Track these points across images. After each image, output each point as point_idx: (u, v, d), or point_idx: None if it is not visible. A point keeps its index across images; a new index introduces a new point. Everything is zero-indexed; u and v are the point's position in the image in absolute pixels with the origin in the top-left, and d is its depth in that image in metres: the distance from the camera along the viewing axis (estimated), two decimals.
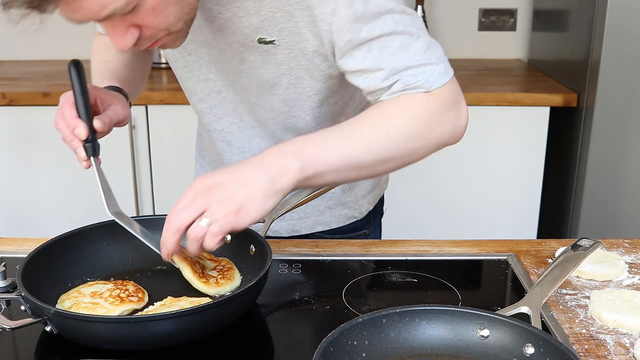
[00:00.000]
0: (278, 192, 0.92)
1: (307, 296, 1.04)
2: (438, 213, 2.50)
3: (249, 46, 1.05)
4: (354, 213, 1.33)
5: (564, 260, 0.96)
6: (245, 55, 1.07)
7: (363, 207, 1.34)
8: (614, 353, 0.88)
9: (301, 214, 1.30)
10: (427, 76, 1.02)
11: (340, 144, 0.98)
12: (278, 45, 1.04)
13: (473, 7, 2.91)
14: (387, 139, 1.00)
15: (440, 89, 1.03)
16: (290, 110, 1.14)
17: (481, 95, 2.35)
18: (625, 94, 2.20)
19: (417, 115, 1.02)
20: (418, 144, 1.04)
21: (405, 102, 1.02)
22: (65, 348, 0.89)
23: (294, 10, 0.99)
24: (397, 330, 0.84)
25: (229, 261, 1.07)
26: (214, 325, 0.91)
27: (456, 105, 1.06)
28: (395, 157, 1.04)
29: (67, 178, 2.50)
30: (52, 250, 1.02)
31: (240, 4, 1.01)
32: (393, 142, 1.01)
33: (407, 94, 1.02)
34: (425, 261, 1.14)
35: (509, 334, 0.82)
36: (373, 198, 1.37)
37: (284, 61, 1.06)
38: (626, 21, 2.14)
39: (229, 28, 1.04)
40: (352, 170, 1.00)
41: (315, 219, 1.31)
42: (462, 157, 2.44)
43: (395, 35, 0.99)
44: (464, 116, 1.08)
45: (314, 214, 1.30)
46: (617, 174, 2.30)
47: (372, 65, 1.00)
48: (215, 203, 0.89)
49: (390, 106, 1.02)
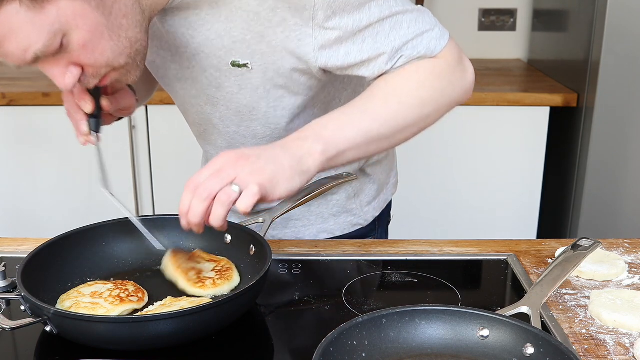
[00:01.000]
0: (305, 172, 0.92)
1: (307, 296, 1.04)
2: (438, 213, 2.51)
3: (224, 71, 1.04)
4: (359, 220, 1.31)
5: (564, 260, 0.96)
6: (221, 82, 1.06)
7: (368, 213, 1.32)
8: (614, 353, 0.88)
9: (305, 222, 1.28)
10: (426, 44, 1.03)
11: (356, 120, 0.99)
12: (252, 69, 1.02)
13: (473, 7, 2.91)
14: (401, 107, 1.02)
15: (443, 52, 1.04)
16: (272, 133, 1.13)
17: (481, 95, 2.35)
18: (625, 94, 2.20)
19: (426, 80, 1.03)
20: (431, 107, 1.05)
21: (411, 70, 1.03)
22: (65, 348, 0.89)
23: (266, 30, 0.97)
24: (397, 330, 0.84)
25: (228, 261, 1.07)
26: (214, 325, 0.91)
27: (460, 63, 1.07)
28: (411, 124, 1.04)
29: (67, 178, 2.50)
30: (52, 250, 1.02)
31: (211, 27, 0.99)
32: (407, 110, 1.02)
33: (411, 64, 1.03)
34: (425, 261, 1.14)
35: (509, 334, 0.82)
36: (379, 204, 1.34)
37: (260, 85, 1.04)
38: (626, 21, 2.14)
39: (203, 52, 1.03)
40: (372, 144, 1.01)
41: (319, 226, 1.29)
42: (462, 157, 2.44)
43: (384, 20, 1.00)
44: (470, 72, 1.09)
45: (318, 222, 1.28)
46: (617, 174, 2.30)
47: (372, 53, 1.01)
48: (244, 173, 0.88)
49: (397, 77, 1.03)
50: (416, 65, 1.03)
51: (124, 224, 1.11)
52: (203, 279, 1.01)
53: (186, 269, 1.03)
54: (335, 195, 1.26)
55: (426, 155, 2.44)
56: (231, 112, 1.11)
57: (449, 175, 2.47)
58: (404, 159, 2.44)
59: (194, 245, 1.11)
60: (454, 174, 2.47)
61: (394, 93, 1.02)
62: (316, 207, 1.27)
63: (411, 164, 2.45)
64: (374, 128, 1.00)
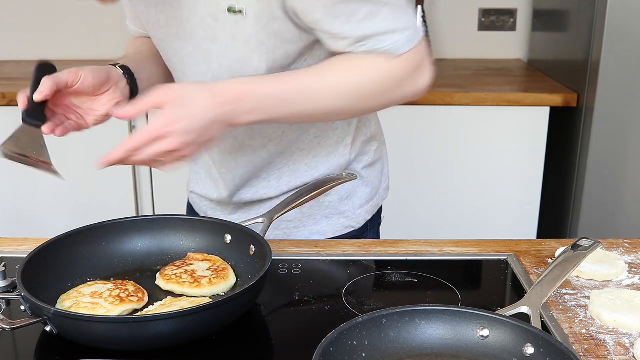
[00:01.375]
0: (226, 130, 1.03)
1: (307, 296, 1.04)
2: (438, 213, 2.51)
3: (220, 19, 1.04)
4: (351, 222, 1.30)
5: (564, 260, 0.96)
6: (216, 33, 1.06)
7: (360, 216, 1.31)
8: (614, 353, 0.88)
9: (296, 223, 1.28)
10: (392, 43, 1.04)
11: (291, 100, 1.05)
12: (246, 17, 1.03)
13: (473, 7, 2.91)
14: (338, 99, 1.08)
15: (405, 55, 1.06)
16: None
17: (481, 95, 2.35)
18: (625, 94, 2.20)
19: (375, 79, 1.07)
20: (368, 104, 1.12)
21: (368, 64, 1.07)
22: (65, 348, 0.89)
23: None
24: (397, 330, 0.84)
25: (223, 261, 1.07)
26: (214, 325, 0.91)
27: (418, 69, 1.09)
28: (341, 113, 1.14)
29: (67, 178, 2.50)
30: (52, 250, 1.02)
31: None
32: (343, 101, 1.09)
33: (373, 55, 1.06)
34: (425, 261, 1.14)
35: (509, 334, 0.82)
36: (371, 208, 1.34)
37: (253, 34, 1.05)
38: (626, 21, 2.14)
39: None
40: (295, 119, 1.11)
41: (311, 228, 1.28)
42: (462, 157, 2.44)
43: (363, 3, 1.01)
44: (425, 78, 1.11)
45: (310, 223, 1.28)
46: (617, 174, 2.30)
47: (339, 32, 1.03)
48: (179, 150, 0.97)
49: (353, 65, 1.07)
50: (372, 60, 1.06)
51: (124, 224, 1.11)
52: (198, 279, 1.01)
53: (178, 274, 1.03)
54: (328, 197, 1.26)
55: (426, 155, 2.44)
56: (223, 69, 1.11)
57: (449, 175, 2.47)
58: (404, 159, 2.45)
59: (194, 245, 1.11)
60: (454, 174, 2.47)
61: (339, 82, 1.07)
62: (308, 209, 1.26)
63: (411, 164, 2.45)
64: (307, 110, 1.07)
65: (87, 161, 2.45)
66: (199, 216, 1.35)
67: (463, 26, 2.93)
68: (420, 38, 1.07)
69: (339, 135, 1.24)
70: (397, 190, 2.47)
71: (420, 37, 1.07)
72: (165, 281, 1.02)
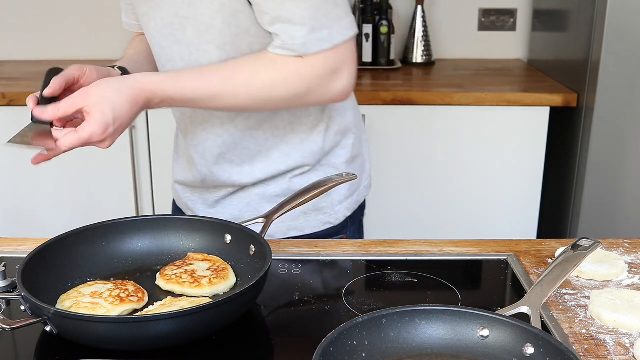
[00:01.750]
0: None
1: (307, 296, 1.04)
2: (438, 213, 2.51)
3: None
4: (330, 219, 1.31)
5: (564, 260, 0.96)
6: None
7: (339, 213, 1.32)
8: (614, 353, 0.88)
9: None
10: (305, 41, 1.05)
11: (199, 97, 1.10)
12: None
13: (473, 7, 2.91)
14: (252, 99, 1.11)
15: (317, 56, 1.07)
16: (228, 56, 1.15)
17: (481, 95, 2.35)
18: (625, 94, 2.21)
19: (285, 82, 1.09)
20: (278, 105, 1.14)
21: (279, 66, 1.08)
22: (65, 348, 0.89)
23: None
24: (397, 330, 0.84)
25: (223, 262, 1.07)
26: (214, 325, 0.91)
27: (334, 74, 1.09)
28: (258, 110, 1.17)
29: (67, 178, 2.50)
30: (52, 250, 1.02)
31: None
32: (257, 102, 1.12)
33: (283, 56, 1.07)
34: (425, 261, 1.14)
35: (509, 334, 0.82)
36: (351, 204, 1.34)
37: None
38: (626, 21, 2.14)
39: None
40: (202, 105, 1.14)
41: (289, 223, 1.29)
42: (462, 157, 2.44)
43: None
44: (342, 85, 1.11)
45: (288, 219, 1.27)
46: (616, 174, 2.30)
47: (263, 4, 1.06)
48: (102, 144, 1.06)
49: (264, 65, 1.09)
50: (284, 61, 1.07)
51: (124, 224, 1.11)
52: (198, 279, 1.01)
53: (178, 274, 1.03)
54: None
55: (426, 155, 2.44)
56: (196, 35, 1.14)
57: (449, 175, 2.47)
58: (404, 159, 2.45)
59: (194, 245, 1.11)
60: (454, 174, 2.47)
61: (247, 84, 1.10)
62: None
63: (411, 164, 2.45)
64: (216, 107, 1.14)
65: (87, 161, 2.45)
66: (184, 214, 1.38)
67: (463, 26, 2.93)
68: (343, 41, 1.07)
69: (313, 122, 1.25)
70: (397, 190, 2.48)
71: (344, 41, 1.07)
72: (165, 281, 1.02)
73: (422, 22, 2.81)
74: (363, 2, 2.73)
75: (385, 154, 2.42)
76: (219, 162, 1.27)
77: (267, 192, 1.28)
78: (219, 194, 1.31)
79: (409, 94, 2.36)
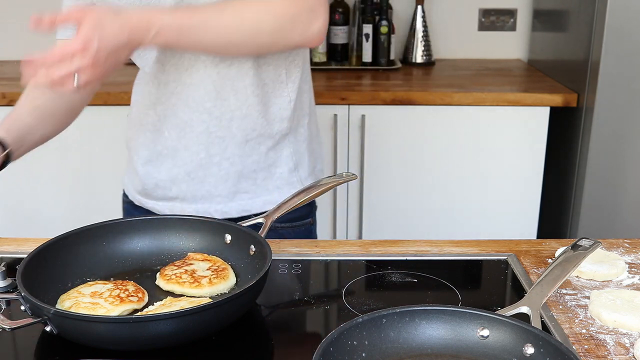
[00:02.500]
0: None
1: (307, 296, 1.04)
2: (438, 213, 2.51)
3: None
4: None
5: (564, 260, 0.96)
6: None
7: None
8: (614, 353, 0.88)
9: (252, 194, 1.35)
10: None
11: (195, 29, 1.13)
12: None
13: (473, 7, 2.91)
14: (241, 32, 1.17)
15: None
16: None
17: (481, 95, 2.35)
18: (625, 94, 2.21)
19: (271, 16, 1.17)
20: (268, 39, 1.19)
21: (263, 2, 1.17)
22: (65, 348, 0.89)
23: None
24: (397, 330, 0.84)
25: (223, 262, 1.07)
26: (214, 325, 0.91)
27: (312, 12, 1.19)
28: (246, 46, 1.20)
29: (67, 178, 2.50)
30: (52, 250, 1.02)
31: None
32: (246, 36, 1.17)
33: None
34: (425, 261, 1.14)
35: (509, 334, 0.82)
36: (314, 178, 1.42)
37: None
38: (626, 21, 2.14)
39: None
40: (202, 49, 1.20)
41: (265, 198, 1.36)
42: (462, 157, 2.44)
43: None
44: (320, 22, 1.20)
45: (264, 194, 1.36)
46: (616, 174, 2.30)
47: None
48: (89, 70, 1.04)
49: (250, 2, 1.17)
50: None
51: (124, 224, 1.11)
52: (198, 278, 1.01)
53: (178, 274, 1.03)
54: (279, 169, 1.35)
55: (426, 155, 2.44)
56: None
57: (449, 175, 2.47)
58: (404, 159, 2.45)
59: (194, 245, 1.11)
60: (454, 174, 2.47)
61: (235, 17, 1.16)
62: (262, 181, 1.35)
63: (411, 164, 2.45)
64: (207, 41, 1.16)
65: (87, 161, 2.45)
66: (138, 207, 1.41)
67: (463, 26, 2.93)
68: None
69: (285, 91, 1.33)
70: (397, 190, 2.48)
71: None
72: (165, 281, 1.02)
73: (422, 22, 2.81)
74: (363, 2, 2.73)
75: (385, 154, 2.42)
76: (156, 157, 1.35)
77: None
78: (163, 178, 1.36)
79: (409, 94, 2.36)
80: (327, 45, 2.75)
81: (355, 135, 2.39)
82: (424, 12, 2.81)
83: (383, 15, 2.70)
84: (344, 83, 2.51)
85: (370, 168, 2.43)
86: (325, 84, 2.50)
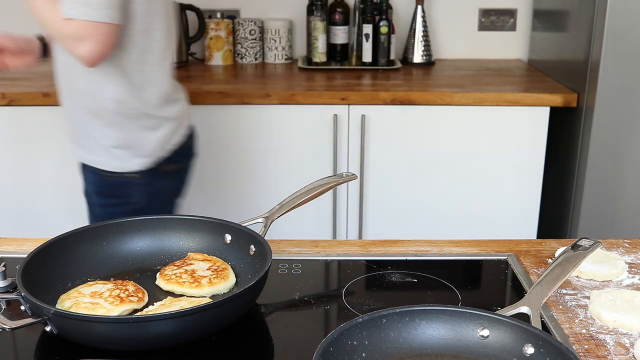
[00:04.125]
0: None
1: (307, 296, 1.04)
2: (438, 213, 2.51)
3: None
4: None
5: (564, 260, 0.96)
6: None
7: None
8: (614, 353, 0.88)
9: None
10: (66, 7, 1.40)
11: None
12: None
13: (473, 7, 2.91)
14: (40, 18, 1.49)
15: (70, 21, 1.41)
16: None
17: (481, 95, 2.35)
18: (625, 94, 2.20)
19: (52, 24, 1.45)
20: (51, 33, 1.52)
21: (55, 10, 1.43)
22: (65, 348, 0.89)
23: None
24: (397, 330, 0.84)
25: (223, 262, 1.07)
26: (214, 325, 0.91)
27: (78, 40, 1.42)
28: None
29: (67, 178, 2.50)
30: (52, 250, 1.02)
31: None
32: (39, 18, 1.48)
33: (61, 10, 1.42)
34: (425, 261, 1.14)
35: (509, 334, 0.82)
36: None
37: None
38: (626, 21, 2.14)
39: None
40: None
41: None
42: (462, 157, 2.44)
43: None
44: (83, 52, 1.43)
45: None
46: (616, 174, 2.30)
47: None
48: None
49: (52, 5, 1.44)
50: (57, 12, 1.42)
51: (124, 224, 1.11)
52: (198, 279, 1.01)
53: (178, 274, 1.03)
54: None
55: (426, 155, 2.44)
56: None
57: (449, 175, 2.47)
58: (404, 159, 2.45)
59: (194, 245, 1.11)
60: (454, 174, 2.47)
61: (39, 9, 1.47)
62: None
63: (411, 164, 2.45)
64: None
65: None
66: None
67: (463, 26, 2.93)
68: (89, 16, 1.38)
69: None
70: (397, 190, 2.48)
71: (92, 16, 1.38)
72: (165, 281, 1.02)
73: (422, 22, 2.81)
74: (363, 2, 2.73)
75: (385, 154, 2.42)
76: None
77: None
78: None
79: (409, 94, 2.36)
80: (327, 45, 2.75)
81: (355, 135, 2.39)
82: (424, 12, 2.81)
83: (383, 15, 2.70)
84: (344, 83, 2.50)
85: (370, 168, 2.43)
86: (325, 84, 2.50)
